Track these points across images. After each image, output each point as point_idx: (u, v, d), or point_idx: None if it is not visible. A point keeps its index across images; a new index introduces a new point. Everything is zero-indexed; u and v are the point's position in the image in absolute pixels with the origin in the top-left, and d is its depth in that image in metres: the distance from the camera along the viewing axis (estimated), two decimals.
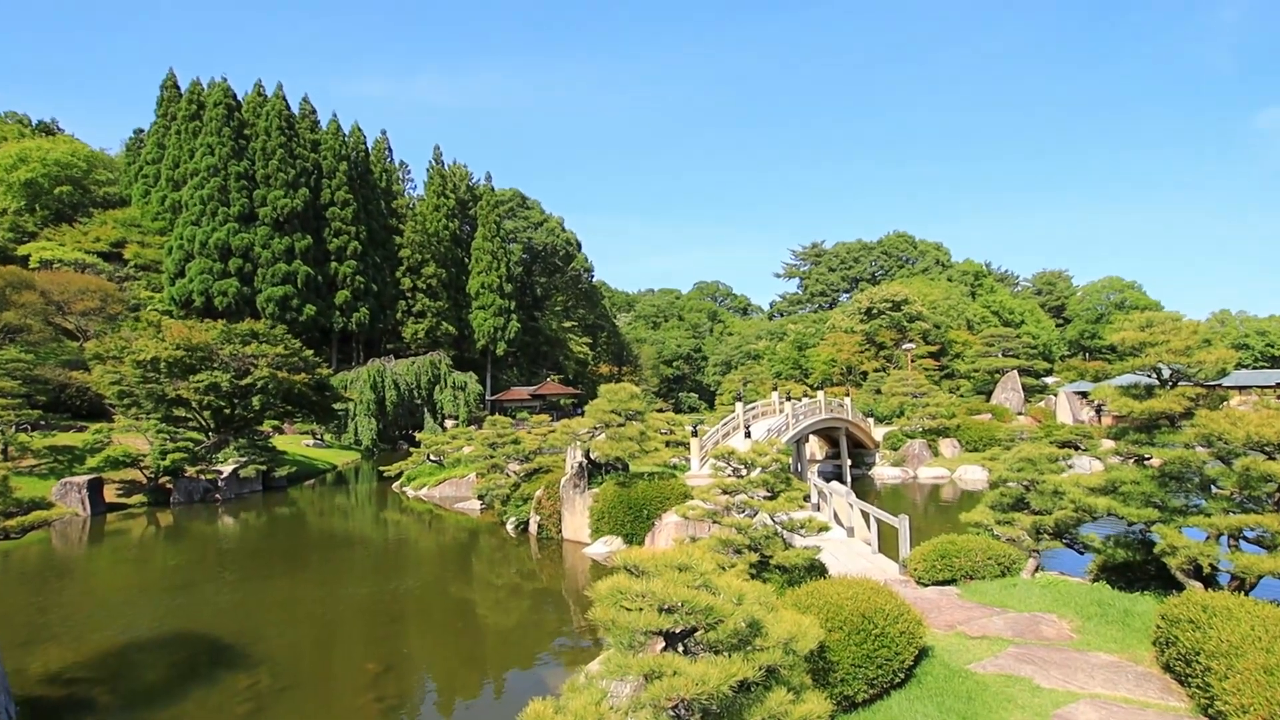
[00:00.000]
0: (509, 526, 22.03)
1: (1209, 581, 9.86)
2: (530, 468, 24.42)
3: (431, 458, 32.88)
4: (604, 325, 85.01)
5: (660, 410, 60.30)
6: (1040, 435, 34.25)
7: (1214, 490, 10.05)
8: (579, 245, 76.27)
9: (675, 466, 25.15)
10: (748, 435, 22.88)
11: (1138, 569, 10.92)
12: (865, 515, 16.55)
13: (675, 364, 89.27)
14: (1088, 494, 10.52)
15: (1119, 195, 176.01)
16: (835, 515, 19.12)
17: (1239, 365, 77.73)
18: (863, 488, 31.80)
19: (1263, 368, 73.90)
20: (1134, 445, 10.63)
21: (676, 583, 5.74)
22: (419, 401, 52.72)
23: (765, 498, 11.67)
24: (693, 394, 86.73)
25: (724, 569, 10.30)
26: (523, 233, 71.62)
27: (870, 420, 39.11)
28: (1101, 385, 11.23)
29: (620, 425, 19.69)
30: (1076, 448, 33.91)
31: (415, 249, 59.13)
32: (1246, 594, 8.97)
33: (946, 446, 36.85)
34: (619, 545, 18.09)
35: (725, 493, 11.58)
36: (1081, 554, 12.17)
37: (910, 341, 56.65)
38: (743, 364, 73.48)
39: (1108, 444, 11.91)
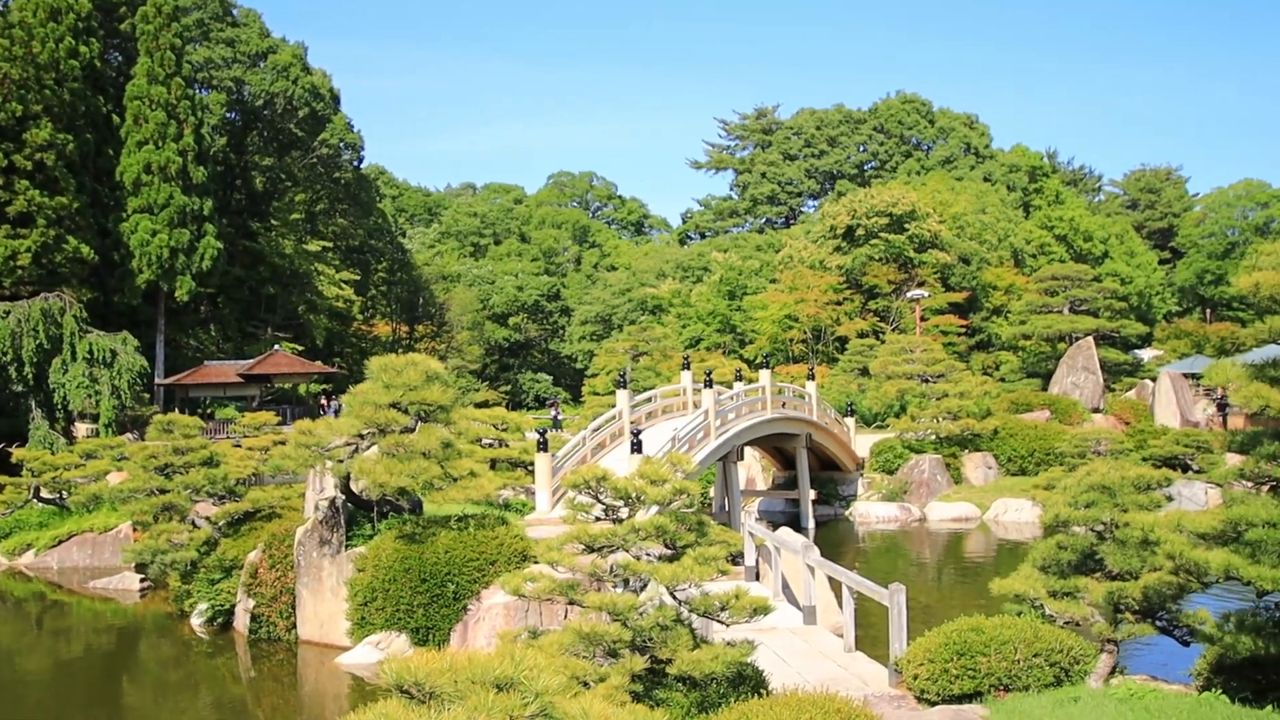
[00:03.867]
0: (197, 621, 21.78)
1: None
2: (238, 510, 23.95)
3: (44, 494, 31.67)
4: (383, 249, 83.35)
5: (484, 404, 60.07)
6: (1129, 447, 36.75)
7: None
8: (337, 100, 74.02)
9: (508, 504, 25.17)
10: (637, 449, 23.18)
11: (1273, 667, 11.77)
12: (836, 586, 17.16)
13: (513, 321, 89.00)
14: (1195, 544, 11.21)
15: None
16: (785, 586, 19.76)
17: None
18: (835, 537, 33.06)
19: None
20: (1270, 461, 11.44)
21: (492, 713, 5.62)
22: (20, 388, 50.09)
23: (662, 558, 11.75)
24: (543, 375, 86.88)
25: (585, 684, 10.36)
26: (228, 70, 68.63)
27: (850, 422, 40.60)
28: (1221, 363, 12.01)
29: (407, 431, 19.38)
30: (1186, 467, 36.90)
31: (10, 94, 55.58)
32: None
33: (975, 466, 38.85)
34: (403, 648, 17.92)
35: (591, 550, 11.58)
36: (1185, 645, 13.04)
37: (921, 285, 59.13)
38: (633, 322, 74.25)
39: (1234, 460, 12.79)
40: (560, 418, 55.23)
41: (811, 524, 34.33)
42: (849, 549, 31.74)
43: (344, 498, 20.32)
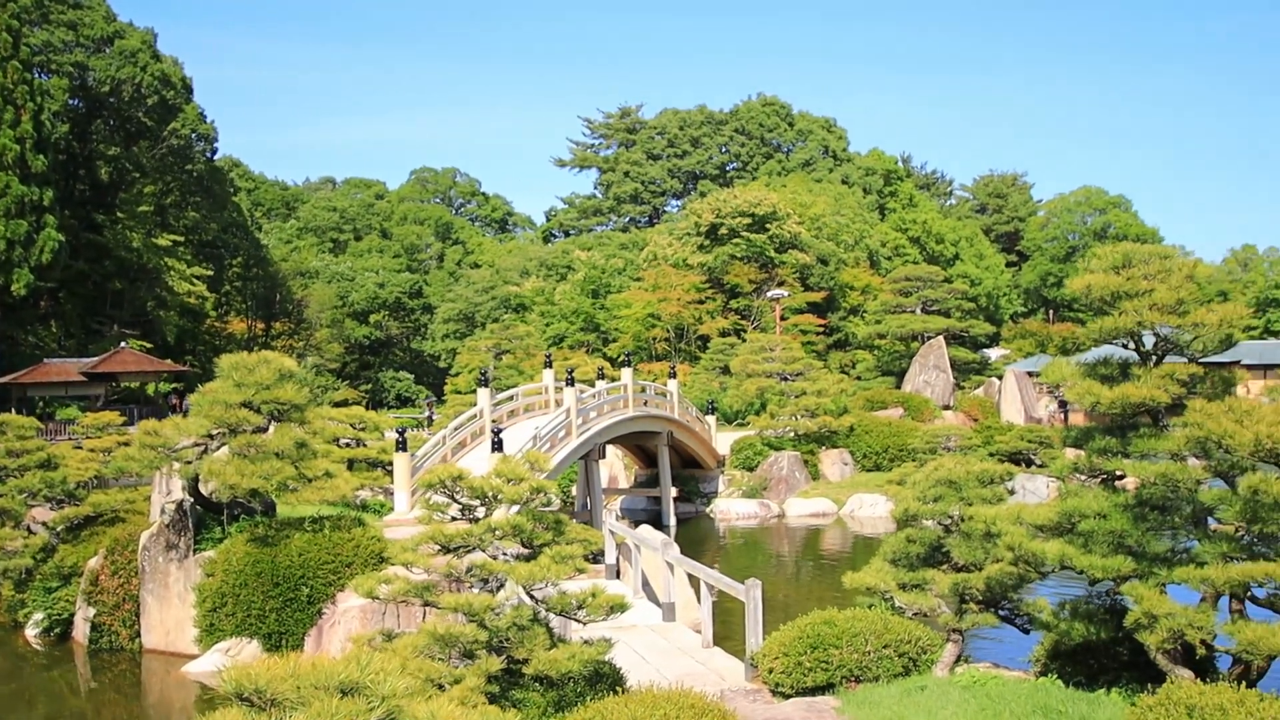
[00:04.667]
0: (32, 631, 21.07)
1: (1203, 667, 11.36)
2: (78, 515, 23.12)
3: None
4: (238, 244, 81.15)
5: (344, 403, 58.97)
6: (977, 443, 38.06)
7: (1212, 525, 11.59)
8: (189, 89, 71.80)
9: (365, 505, 24.77)
10: (498, 447, 23.04)
11: (1104, 652, 12.34)
12: (695, 583, 17.34)
13: (374, 318, 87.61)
14: (1033, 536, 11.67)
15: (1105, 83, 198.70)
16: (645, 583, 19.90)
17: (1267, 331, 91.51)
18: (697, 534, 33.40)
19: None
20: (1101, 456, 11.97)
21: (336, 719, 5.51)
22: None
23: (519, 557, 11.71)
24: (405, 374, 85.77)
25: (441, 687, 10.26)
26: (70, 55, 65.89)
27: (711, 419, 41.05)
28: (1056, 362, 12.53)
29: (259, 431, 18.91)
30: (1029, 462, 38.34)
31: None
32: (1252, 684, 10.43)
33: (832, 462, 39.67)
34: (254, 654, 17.46)
35: (446, 551, 11.47)
36: (1026, 633, 13.58)
37: (781, 285, 60.11)
38: (497, 320, 73.85)
39: (1071, 454, 13.34)
40: (435, 417, 54.65)
41: (673, 521, 34.61)
42: (710, 546, 32.10)
43: (192, 500, 19.76)
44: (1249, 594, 10.68)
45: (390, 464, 25.38)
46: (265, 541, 18.55)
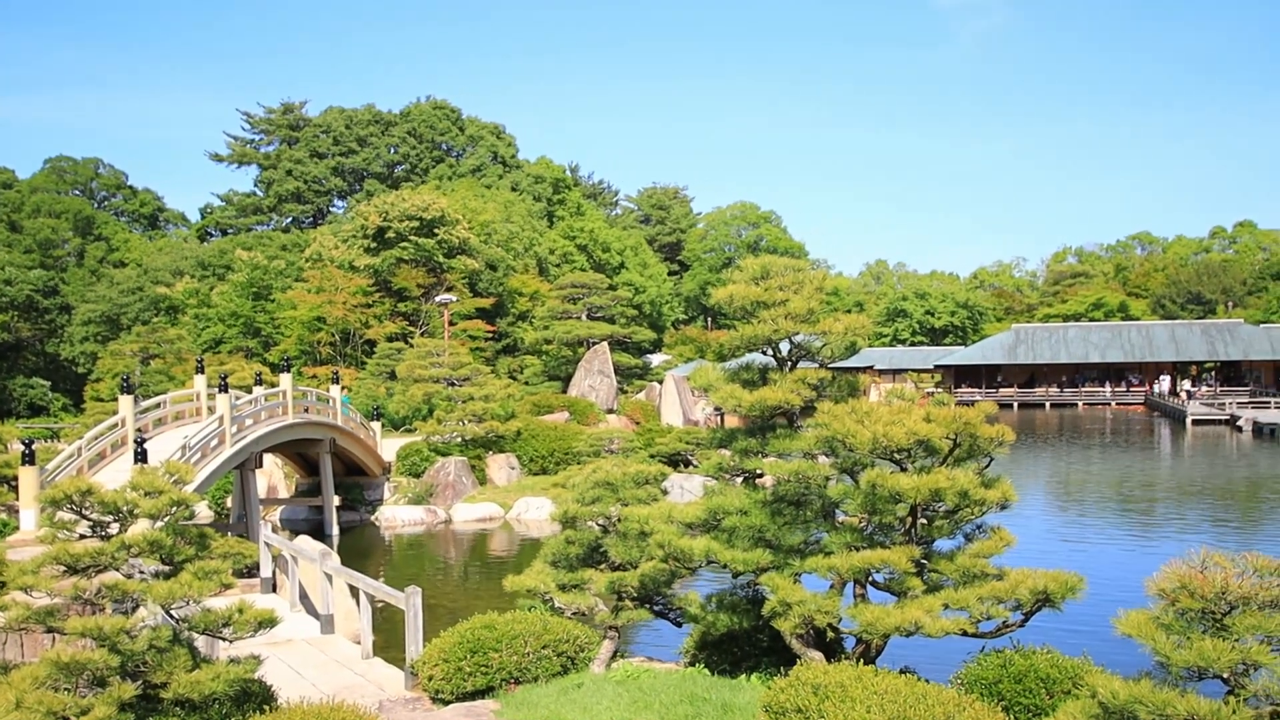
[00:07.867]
0: None
1: (833, 649, 12.31)
2: None
3: None
4: None
5: None
6: (638, 445, 39.37)
7: (839, 517, 12.57)
8: None
9: None
10: (141, 458, 21.65)
11: (746, 640, 13.11)
12: (357, 593, 17.00)
13: (1, 319, 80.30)
14: (684, 533, 12.22)
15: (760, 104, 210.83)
16: (304, 596, 19.29)
17: (895, 339, 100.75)
18: (362, 543, 32.73)
19: (920, 343, 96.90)
20: (744, 455, 12.72)
21: None
22: None
23: (160, 575, 11.06)
24: (39, 380, 79.26)
25: (66, 719, 9.51)
26: None
27: (377, 426, 40.32)
28: (703, 368, 13.36)
29: None
30: (688, 462, 40.02)
31: None
32: (871, 661, 11.41)
33: (499, 467, 39.92)
34: None
35: (74, 571, 10.65)
36: (679, 626, 14.22)
37: (449, 290, 59.92)
38: (145, 323, 69.53)
39: (721, 454, 14.09)
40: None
41: (336, 531, 33.75)
42: (376, 554, 31.52)
43: None
44: (870, 579, 11.62)
45: (16, 479, 23.31)
46: None
